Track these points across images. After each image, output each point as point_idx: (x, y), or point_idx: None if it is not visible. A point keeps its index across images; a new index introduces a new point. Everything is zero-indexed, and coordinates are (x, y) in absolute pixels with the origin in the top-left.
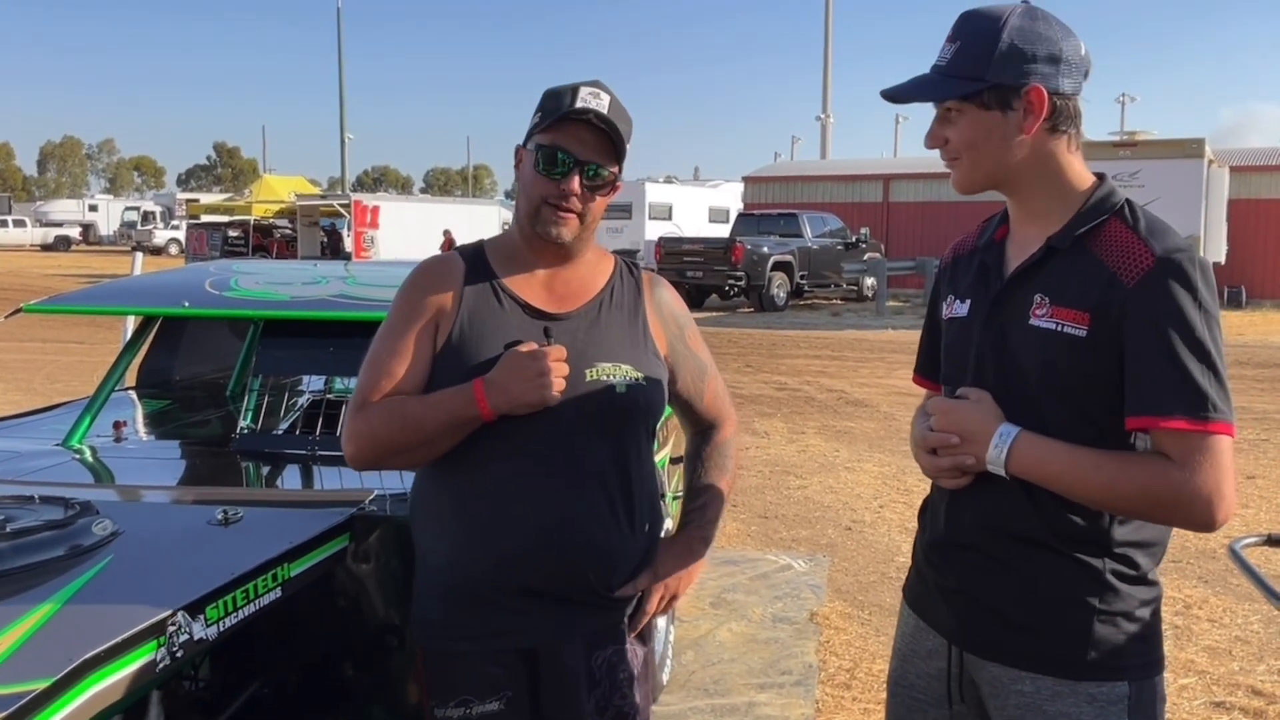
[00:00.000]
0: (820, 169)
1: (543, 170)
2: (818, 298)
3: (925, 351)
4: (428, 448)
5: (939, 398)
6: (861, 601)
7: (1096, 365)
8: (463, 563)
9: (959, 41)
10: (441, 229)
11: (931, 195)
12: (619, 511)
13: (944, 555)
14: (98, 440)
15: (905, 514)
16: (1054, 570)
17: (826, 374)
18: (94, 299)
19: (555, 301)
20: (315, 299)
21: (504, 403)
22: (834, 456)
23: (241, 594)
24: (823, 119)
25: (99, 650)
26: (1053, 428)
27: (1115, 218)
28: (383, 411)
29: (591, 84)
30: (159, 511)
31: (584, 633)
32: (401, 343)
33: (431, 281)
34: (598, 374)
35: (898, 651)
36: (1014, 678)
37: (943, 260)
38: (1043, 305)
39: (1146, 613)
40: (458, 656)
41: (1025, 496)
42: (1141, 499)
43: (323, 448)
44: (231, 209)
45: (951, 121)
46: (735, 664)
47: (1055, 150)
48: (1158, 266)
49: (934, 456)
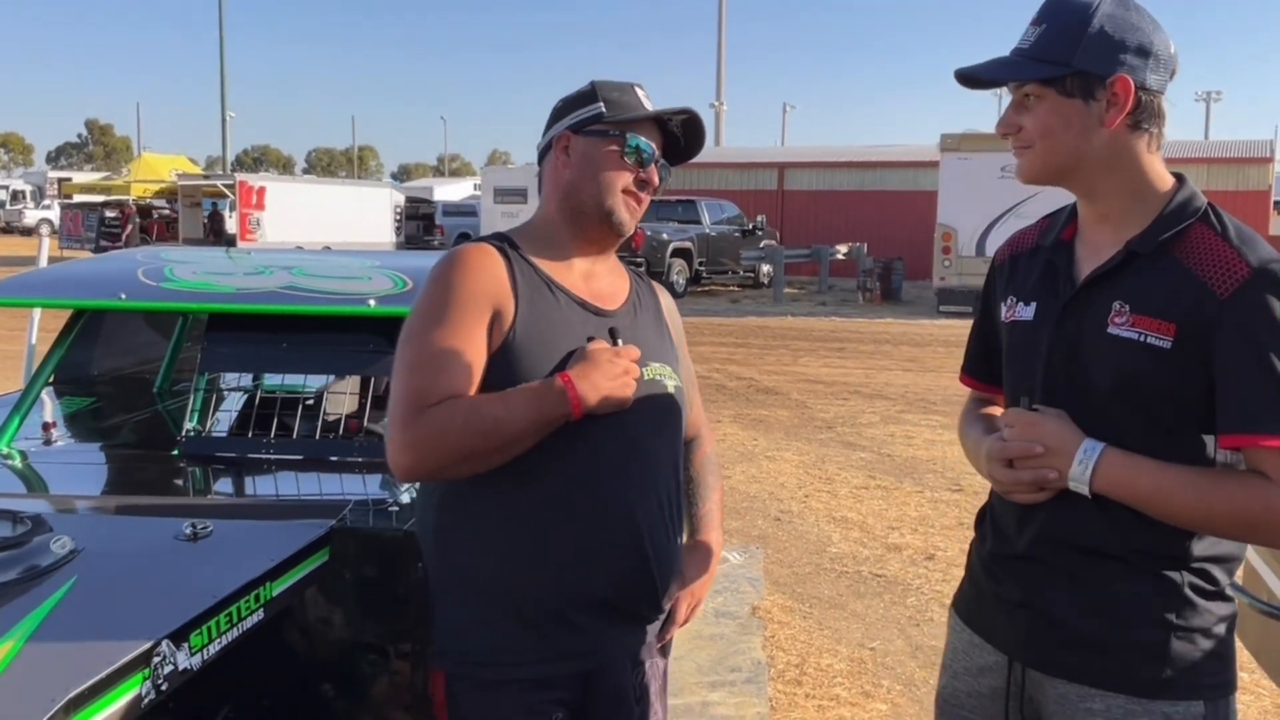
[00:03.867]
0: (716, 156)
1: (633, 159)
2: (716, 284)
3: (975, 352)
4: (505, 452)
5: (1016, 410)
6: (800, 594)
7: (1180, 378)
8: (521, 577)
9: (1045, 24)
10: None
11: (825, 184)
12: (674, 515)
13: (1008, 567)
14: (25, 444)
15: (831, 504)
16: (1130, 585)
17: (734, 361)
18: (15, 290)
19: (597, 297)
20: (262, 291)
21: (594, 399)
22: (753, 445)
23: (225, 618)
24: (716, 106)
25: (83, 688)
26: (1128, 440)
27: (1200, 223)
28: (452, 415)
29: (641, 86)
30: (119, 525)
31: (636, 648)
32: (459, 339)
33: (483, 274)
34: (652, 373)
35: (947, 668)
36: (1083, 695)
37: (997, 256)
38: (1122, 313)
39: (1223, 629)
40: (502, 683)
41: (1098, 508)
42: (1236, 520)
43: (278, 451)
44: (109, 188)
45: (1028, 108)
46: (683, 662)
47: (1135, 148)
48: (1254, 278)
49: (1010, 469)
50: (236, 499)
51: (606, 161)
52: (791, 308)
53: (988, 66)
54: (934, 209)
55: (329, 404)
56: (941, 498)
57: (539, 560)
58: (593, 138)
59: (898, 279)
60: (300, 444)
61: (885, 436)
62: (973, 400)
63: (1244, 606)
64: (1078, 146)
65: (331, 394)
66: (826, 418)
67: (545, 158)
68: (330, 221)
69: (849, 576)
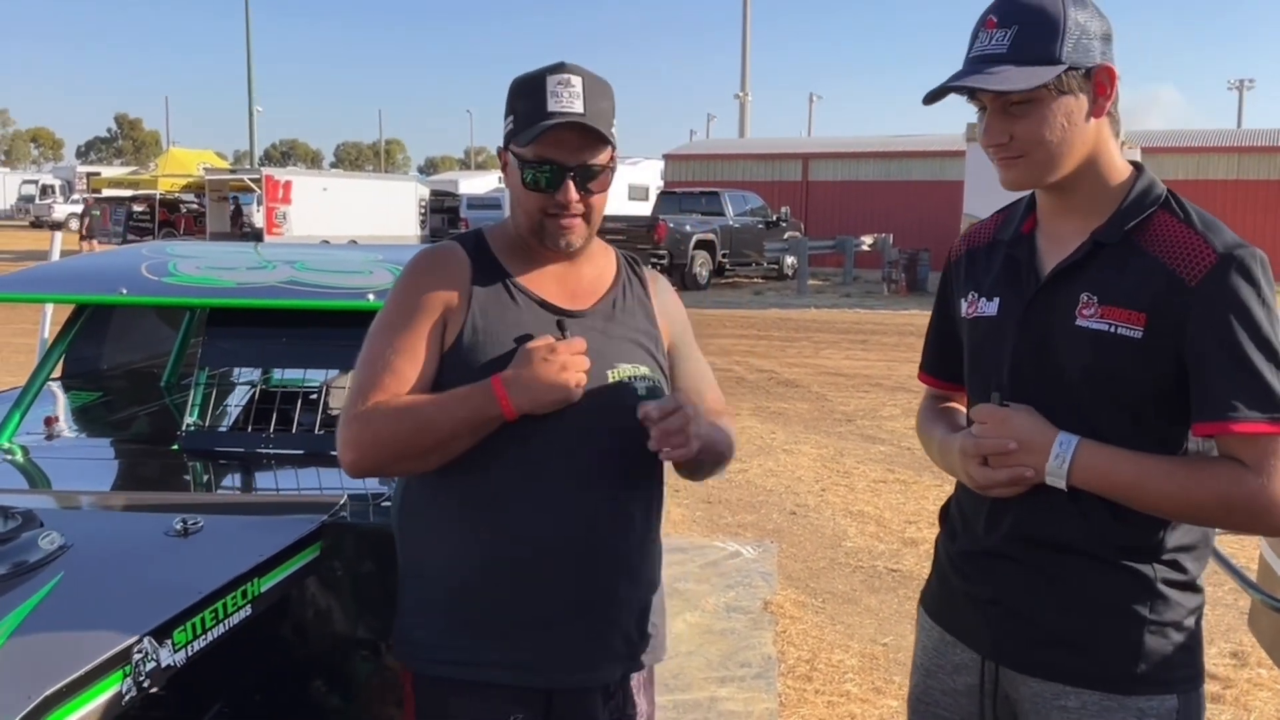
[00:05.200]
0: (740, 147)
1: (532, 186)
2: (739, 276)
3: (933, 349)
4: (441, 452)
5: (987, 405)
6: (814, 589)
7: (1152, 367)
8: (470, 579)
9: (1016, 25)
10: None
11: (849, 175)
12: (640, 519)
13: (977, 564)
14: (28, 439)
15: (847, 497)
16: (1102, 580)
17: (755, 354)
18: (18, 285)
19: (569, 298)
20: (264, 286)
21: (526, 401)
22: (771, 439)
23: (210, 614)
24: (741, 97)
25: (60, 685)
26: (1101, 433)
27: (1162, 210)
28: (390, 414)
29: (556, 70)
30: (110, 521)
31: (607, 672)
32: (407, 339)
33: (437, 274)
34: (619, 374)
35: (919, 666)
36: (1057, 693)
37: (952, 252)
38: (1090, 304)
39: (1192, 621)
40: (460, 686)
41: (1071, 502)
42: (1216, 507)
43: (278, 446)
44: (136, 183)
45: (1015, 115)
46: (693, 657)
47: (1107, 136)
48: (1221, 263)
49: (985, 467)
50: (230, 494)
51: (520, 190)
52: (815, 300)
53: (977, 80)
54: (960, 199)
55: (329, 398)
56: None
57: (479, 562)
58: (511, 161)
59: (923, 270)
60: (299, 438)
61: (906, 430)
62: (930, 398)
63: (1258, 604)
64: (1075, 144)
65: (332, 388)
66: (846, 410)
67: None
68: (355, 215)
69: (864, 571)
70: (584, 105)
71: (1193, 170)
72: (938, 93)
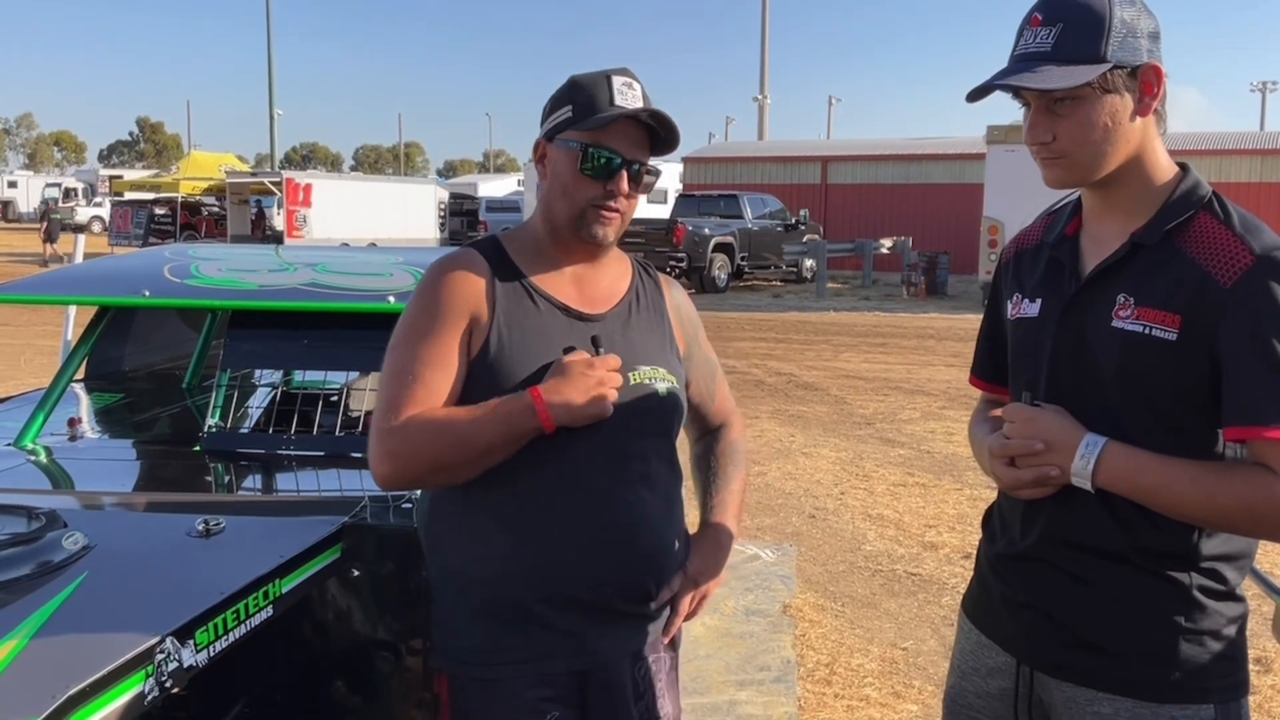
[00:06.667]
0: (759, 150)
1: (590, 172)
2: (758, 279)
3: (983, 352)
4: (476, 464)
5: (1016, 405)
6: (833, 593)
7: (1186, 370)
8: (511, 578)
9: (1061, 23)
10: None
11: (869, 178)
12: (665, 515)
13: (1013, 568)
14: (51, 439)
15: (867, 501)
16: (1137, 587)
17: (774, 357)
18: (43, 287)
19: (587, 302)
20: (285, 288)
21: (565, 414)
22: (790, 442)
23: (232, 615)
24: (760, 100)
25: (83, 685)
26: (1133, 435)
27: (1204, 212)
28: (426, 427)
29: (621, 73)
30: (132, 521)
31: (636, 645)
32: (434, 350)
33: (460, 282)
34: (640, 377)
35: (955, 668)
36: (1091, 699)
37: (1003, 254)
38: (1126, 306)
39: (1233, 630)
40: (499, 682)
41: (1105, 508)
42: (1241, 514)
43: (299, 447)
44: (158, 185)
45: (1059, 114)
46: (712, 660)
47: (1152, 135)
48: (1257, 266)
49: (1012, 468)
50: (251, 495)
51: (571, 176)
52: (834, 302)
53: (1021, 78)
54: (980, 202)
55: (350, 400)
56: (981, 495)
57: (517, 562)
58: (562, 149)
59: (943, 273)
60: (321, 440)
61: (925, 433)
62: (983, 402)
63: None
64: (1120, 143)
65: (353, 390)
66: (866, 414)
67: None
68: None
69: (883, 575)
70: (644, 106)
71: (1215, 173)
72: (981, 90)
